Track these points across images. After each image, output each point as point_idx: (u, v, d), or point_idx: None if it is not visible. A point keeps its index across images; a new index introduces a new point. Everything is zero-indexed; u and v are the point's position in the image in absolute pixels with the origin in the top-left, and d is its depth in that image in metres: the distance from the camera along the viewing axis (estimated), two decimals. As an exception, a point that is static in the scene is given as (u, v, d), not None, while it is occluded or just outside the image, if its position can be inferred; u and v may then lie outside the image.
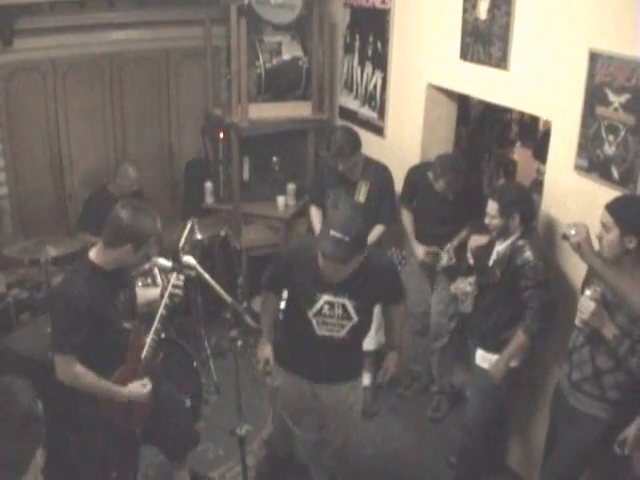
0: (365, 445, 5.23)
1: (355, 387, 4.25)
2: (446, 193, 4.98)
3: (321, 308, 3.82)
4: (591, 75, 3.85)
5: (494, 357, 4.29)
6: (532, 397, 4.66)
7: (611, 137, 3.80)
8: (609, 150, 3.82)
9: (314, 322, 3.86)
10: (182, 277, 3.90)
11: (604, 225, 3.44)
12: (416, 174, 5.29)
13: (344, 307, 3.82)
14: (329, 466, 4.54)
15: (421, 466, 5.12)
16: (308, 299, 3.84)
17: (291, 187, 6.68)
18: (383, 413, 5.67)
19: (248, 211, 6.63)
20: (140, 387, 3.77)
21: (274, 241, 6.65)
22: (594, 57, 3.81)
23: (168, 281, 4.03)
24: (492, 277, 4.26)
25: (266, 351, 4.10)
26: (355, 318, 3.86)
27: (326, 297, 3.81)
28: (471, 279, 4.52)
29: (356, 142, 5.22)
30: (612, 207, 3.43)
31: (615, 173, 3.81)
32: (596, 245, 3.54)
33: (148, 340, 3.84)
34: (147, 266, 5.17)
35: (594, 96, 3.86)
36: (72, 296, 3.52)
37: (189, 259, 3.89)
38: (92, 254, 3.66)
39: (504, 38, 4.41)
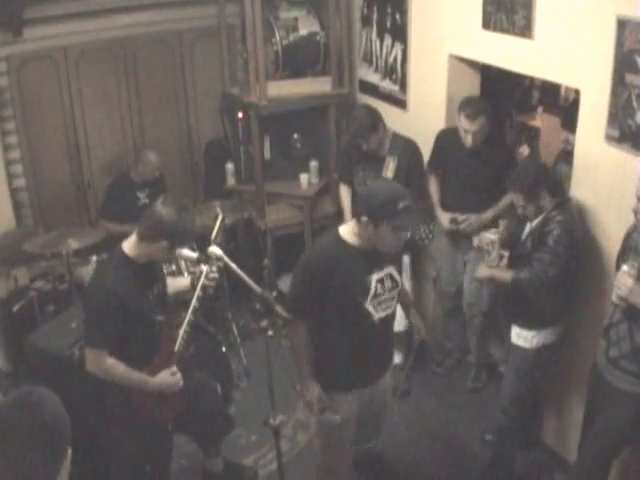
0: (399, 424, 5.18)
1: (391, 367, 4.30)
2: (474, 144, 4.85)
3: (375, 290, 3.73)
4: (620, 42, 3.70)
5: (530, 333, 4.22)
6: (568, 374, 4.59)
7: (643, 106, 3.68)
8: (640, 120, 3.69)
9: (371, 309, 3.75)
10: (215, 269, 3.86)
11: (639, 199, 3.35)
12: (446, 137, 5.19)
13: (391, 276, 3.83)
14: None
15: (456, 443, 5.08)
16: (362, 289, 3.71)
17: (314, 164, 6.60)
18: (416, 391, 5.62)
19: (271, 191, 6.54)
20: (169, 376, 3.74)
21: (299, 220, 6.60)
22: (622, 24, 3.66)
23: (194, 270, 4.00)
24: (524, 249, 4.17)
25: (315, 390, 3.90)
26: (399, 282, 3.91)
27: (375, 276, 3.73)
28: (495, 229, 4.44)
29: (373, 121, 5.08)
30: (648, 180, 3.33)
31: (648, 143, 3.68)
32: (631, 218, 3.46)
33: (181, 332, 3.81)
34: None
35: (623, 64, 3.72)
36: (104, 289, 3.51)
37: (215, 250, 3.84)
38: (125, 246, 3.64)
39: (528, 6, 4.26)
